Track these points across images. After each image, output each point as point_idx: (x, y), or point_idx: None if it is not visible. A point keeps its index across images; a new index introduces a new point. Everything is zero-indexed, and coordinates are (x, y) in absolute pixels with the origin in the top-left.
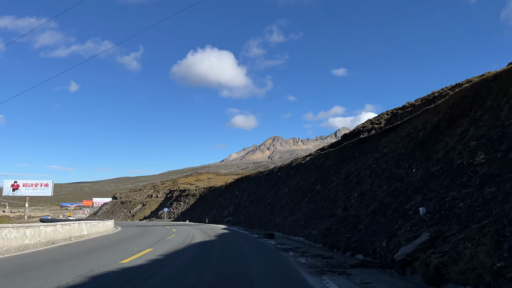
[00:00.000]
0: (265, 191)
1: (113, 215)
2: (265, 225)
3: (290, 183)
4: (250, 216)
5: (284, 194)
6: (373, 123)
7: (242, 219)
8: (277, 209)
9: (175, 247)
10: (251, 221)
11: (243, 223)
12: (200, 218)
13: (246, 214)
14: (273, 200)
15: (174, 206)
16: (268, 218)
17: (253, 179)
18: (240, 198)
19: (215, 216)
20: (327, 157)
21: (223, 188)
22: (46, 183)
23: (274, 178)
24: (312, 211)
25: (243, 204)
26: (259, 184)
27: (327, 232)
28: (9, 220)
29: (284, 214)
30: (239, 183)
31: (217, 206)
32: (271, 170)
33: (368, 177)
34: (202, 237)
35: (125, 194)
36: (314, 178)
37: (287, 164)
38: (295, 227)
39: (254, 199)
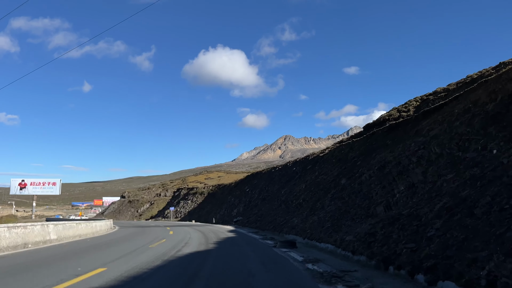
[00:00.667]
0: (279, 188)
1: (120, 215)
2: (279, 227)
3: (307, 178)
4: (262, 216)
5: (301, 191)
6: (400, 111)
7: (252, 219)
8: (294, 207)
9: (146, 263)
10: (263, 221)
11: (254, 223)
12: (207, 217)
13: (257, 214)
14: (288, 198)
15: (181, 205)
16: (283, 218)
17: (264, 175)
18: (251, 196)
19: (223, 216)
20: (351, 148)
21: (233, 186)
22: (53, 182)
23: (289, 173)
24: (339, 210)
25: (254, 203)
26: (271, 180)
27: (369, 238)
28: (15, 220)
29: (302, 213)
30: (250, 179)
31: (226, 204)
32: (284, 165)
33: (416, 165)
34: (197, 245)
35: (133, 193)
36: (337, 171)
37: (303, 158)
38: (319, 231)
39: (266, 196)
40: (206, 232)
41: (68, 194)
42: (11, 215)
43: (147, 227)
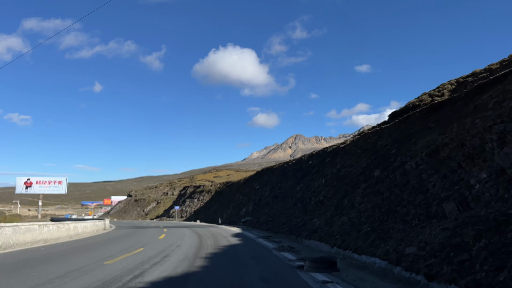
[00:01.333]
0: (293, 184)
1: (126, 214)
2: (296, 229)
3: (327, 172)
4: (275, 216)
5: (320, 186)
6: (432, 96)
7: (263, 220)
8: (313, 206)
9: None
10: (275, 222)
11: (265, 225)
12: (213, 217)
13: (268, 213)
14: (304, 195)
15: (187, 204)
16: (300, 218)
17: (276, 171)
18: (261, 193)
19: (230, 216)
20: (379, 136)
21: (241, 183)
22: (59, 181)
23: (304, 167)
24: (379, 209)
25: (264, 201)
26: (284, 176)
27: (455, 254)
28: (19, 219)
29: (325, 213)
30: (260, 176)
31: (234, 203)
32: (299, 159)
33: (498, 143)
34: (179, 261)
35: (140, 192)
36: (365, 162)
37: (320, 150)
38: (355, 236)
39: (279, 194)
40: (204, 236)
41: (79, 193)
42: (15, 215)
43: (142, 228)
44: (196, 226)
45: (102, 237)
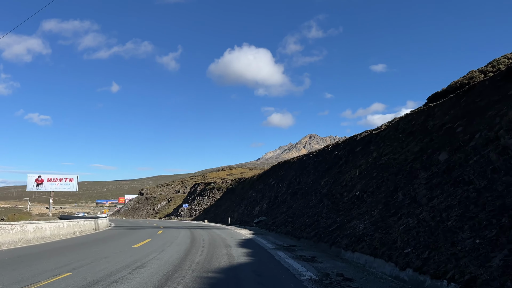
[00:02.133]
0: (315, 178)
1: (136, 212)
2: (328, 234)
3: (360, 162)
4: (295, 216)
5: (353, 179)
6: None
7: (281, 220)
8: (347, 203)
9: None
10: (296, 223)
11: (283, 227)
12: (223, 217)
13: (286, 213)
14: (332, 190)
15: (196, 202)
16: (331, 220)
17: (294, 165)
18: (277, 189)
19: (242, 215)
20: (428, 115)
21: (255, 179)
22: (70, 178)
23: (328, 159)
24: (475, 205)
25: (281, 198)
26: (304, 169)
27: None
28: (28, 217)
29: (370, 212)
30: (276, 170)
31: (246, 201)
32: (321, 150)
33: None
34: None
35: (152, 190)
36: (417, 147)
37: (347, 139)
38: (451, 252)
39: (298, 190)
40: (199, 244)
41: (96, 192)
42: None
43: (135, 229)
44: (201, 227)
45: (67, 242)
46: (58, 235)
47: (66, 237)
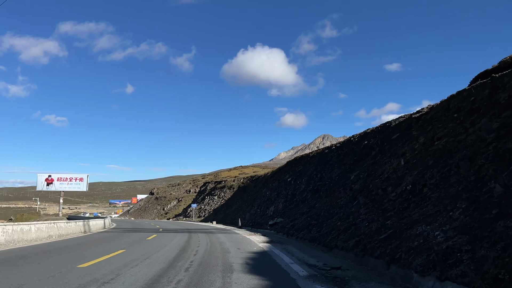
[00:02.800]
0: (341, 173)
1: (145, 212)
2: (377, 245)
3: (404, 149)
4: (319, 218)
5: (398, 170)
6: None
7: (302, 223)
8: (395, 201)
9: None
10: (322, 227)
11: (306, 231)
12: (234, 217)
13: (308, 214)
14: (368, 185)
15: (206, 201)
16: (376, 223)
17: (313, 159)
18: (295, 187)
19: (254, 216)
20: (494, 87)
21: (268, 176)
22: (80, 177)
23: (355, 150)
24: None
25: (300, 197)
26: (326, 163)
27: None
28: (36, 217)
29: (447, 213)
30: (292, 166)
31: (259, 200)
32: (346, 141)
33: None
34: None
35: (162, 190)
36: (496, 123)
37: (378, 126)
38: None
39: (320, 186)
40: (186, 260)
41: (110, 192)
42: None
43: (129, 232)
44: (205, 230)
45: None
46: (21, 240)
47: (33, 243)
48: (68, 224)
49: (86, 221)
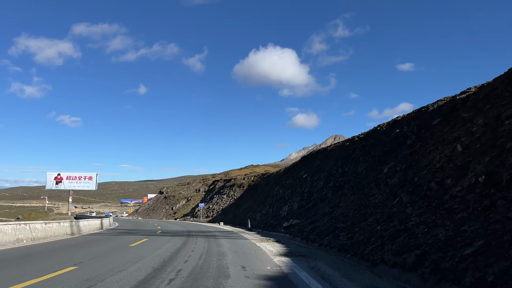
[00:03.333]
0: (370, 166)
1: (154, 212)
2: (461, 265)
3: (455, 135)
4: (348, 220)
5: (452, 158)
6: None
7: (324, 226)
8: (461, 197)
9: None
10: (354, 232)
11: (332, 236)
12: (244, 218)
13: (332, 215)
14: (413, 178)
15: (214, 201)
16: (442, 230)
17: (332, 153)
18: (312, 184)
19: (266, 216)
20: None
21: (281, 173)
22: (90, 176)
23: (385, 140)
24: None
25: (318, 194)
26: (348, 157)
27: None
28: (44, 216)
29: None
30: (308, 161)
31: (271, 199)
32: (372, 131)
33: None
34: None
35: (172, 189)
36: None
37: (412, 112)
38: None
39: (344, 182)
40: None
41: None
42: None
43: (121, 235)
44: (208, 233)
45: None
46: None
47: None
48: (49, 225)
49: (75, 221)
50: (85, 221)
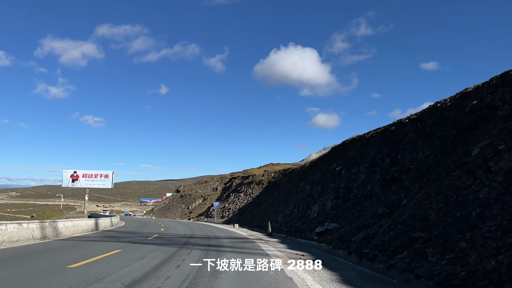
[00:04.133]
0: (437, 150)
1: (169, 211)
2: None
3: None
4: (427, 226)
5: None
6: None
7: (382, 234)
8: None
9: None
10: (455, 249)
11: (405, 253)
12: (263, 219)
13: (392, 217)
14: None
15: (230, 199)
16: None
17: (372, 140)
18: (348, 177)
19: (290, 218)
20: None
21: (307, 167)
22: (106, 174)
23: (454, 117)
24: None
25: (361, 190)
26: (398, 142)
27: None
28: (59, 214)
29: None
30: (339, 152)
31: (295, 197)
32: (429, 109)
33: None
34: None
35: (189, 188)
36: None
37: (496, 77)
38: None
39: (399, 173)
40: None
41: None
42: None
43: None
44: (213, 239)
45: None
46: None
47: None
48: (2, 226)
49: (49, 222)
50: (69, 222)
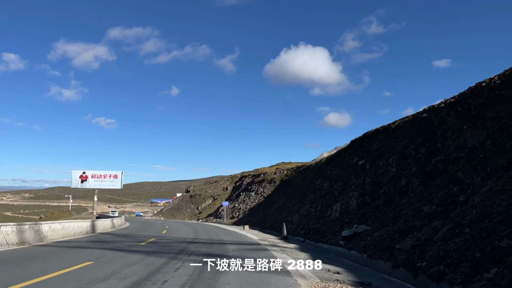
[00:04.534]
0: (492, 135)
1: (178, 212)
2: None
3: None
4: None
5: None
6: None
7: (445, 242)
8: None
9: None
10: None
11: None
12: (276, 220)
13: (450, 218)
14: None
15: (241, 199)
16: None
17: (400, 130)
18: (375, 172)
19: (307, 219)
20: None
21: (323, 163)
22: (115, 174)
23: (508, 96)
24: None
25: (392, 186)
26: (434, 129)
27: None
28: (67, 216)
29: None
30: (360, 145)
31: (312, 195)
32: (471, 90)
33: None
34: None
35: (199, 187)
36: None
37: None
38: None
39: (444, 164)
40: None
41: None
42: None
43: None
44: (217, 247)
45: None
46: None
47: None
48: None
49: (31, 224)
50: (57, 224)
